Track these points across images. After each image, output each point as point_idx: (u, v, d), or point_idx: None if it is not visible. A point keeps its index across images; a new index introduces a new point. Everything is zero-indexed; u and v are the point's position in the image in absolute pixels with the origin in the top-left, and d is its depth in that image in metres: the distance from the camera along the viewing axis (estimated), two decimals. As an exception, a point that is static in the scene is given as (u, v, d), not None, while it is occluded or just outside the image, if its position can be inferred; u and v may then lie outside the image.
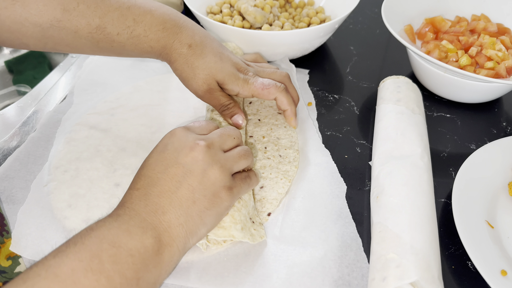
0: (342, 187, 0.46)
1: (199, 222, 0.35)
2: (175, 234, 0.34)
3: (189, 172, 0.35)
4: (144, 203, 0.34)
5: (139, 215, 0.33)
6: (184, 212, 0.34)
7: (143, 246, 0.31)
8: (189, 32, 0.46)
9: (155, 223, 0.33)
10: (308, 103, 0.58)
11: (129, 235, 0.31)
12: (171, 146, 0.37)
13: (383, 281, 0.35)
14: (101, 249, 0.30)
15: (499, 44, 0.57)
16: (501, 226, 0.42)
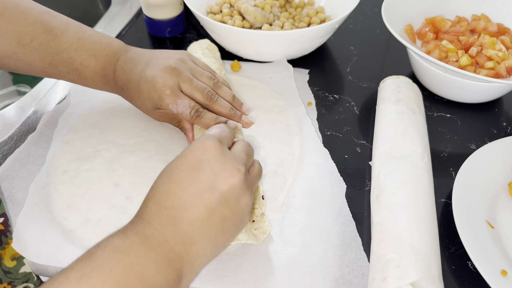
0: (342, 186, 0.46)
1: (221, 249, 0.34)
2: (198, 264, 0.32)
3: (225, 200, 0.33)
4: (174, 229, 0.31)
5: (168, 243, 0.31)
6: (212, 242, 0.33)
7: (166, 280, 0.30)
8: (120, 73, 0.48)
9: (181, 254, 0.31)
10: (308, 103, 0.58)
11: (156, 268, 0.29)
12: (207, 166, 0.33)
13: (383, 281, 0.35)
14: (128, 283, 0.28)
15: (499, 44, 0.57)
16: (501, 226, 0.42)
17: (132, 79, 0.47)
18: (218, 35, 0.62)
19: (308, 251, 0.40)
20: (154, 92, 0.46)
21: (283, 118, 0.55)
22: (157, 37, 0.72)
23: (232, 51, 0.65)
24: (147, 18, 0.70)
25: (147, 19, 0.70)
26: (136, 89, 0.47)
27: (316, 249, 0.40)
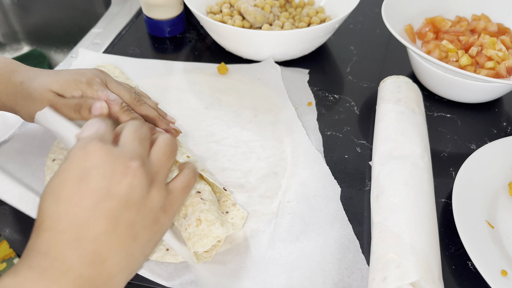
0: (336, 190, 0.46)
1: (140, 259, 0.30)
2: (116, 282, 0.28)
3: (126, 203, 0.28)
4: (78, 252, 0.27)
5: (72, 269, 0.26)
6: (125, 254, 0.29)
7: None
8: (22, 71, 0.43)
9: (93, 277, 0.27)
10: (308, 103, 0.58)
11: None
12: (95, 172, 0.28)
13: (384, 281, 0.35)
14: None
15: (500, 44, 0.57)
16: (501, 226, 0.42)
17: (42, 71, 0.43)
18: (218, 35, 0.62)
19: (306, 257, 0.40)
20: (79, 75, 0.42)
21: (273, 121, 0.54)
22: (157, 37, 0.72)
23: (232, 51, 0.65)
24: (147, 18, 0.70)
25: (147, 19, 0.70)
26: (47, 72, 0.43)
27: (314, 254, 0.40)
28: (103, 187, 0.28)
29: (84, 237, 0.27)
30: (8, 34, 0.94)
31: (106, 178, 0.28)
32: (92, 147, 0.29)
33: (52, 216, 0.27)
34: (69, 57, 0.67)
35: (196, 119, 0.55)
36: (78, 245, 0.27)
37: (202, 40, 0.71)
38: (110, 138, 0.31)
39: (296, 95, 0.59)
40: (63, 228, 0.27)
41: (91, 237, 0.27)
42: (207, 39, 0.71)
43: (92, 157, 0.28)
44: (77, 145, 0.29)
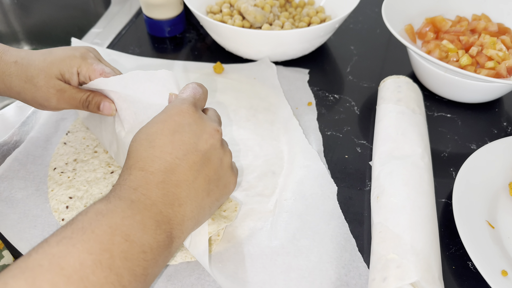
0: (333, 188, 0.46)
1: (207, 214, 0.35)
2: (186, 227, 0.32)
3: (208, 160, 0.33)
4: (162, 192, 0.31)
5: (156, 205, 0.30)
6: (198, 204, 0.33)
7: (155, 241, 0.29)
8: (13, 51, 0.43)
9: (170, 216, 0.31)
10: (308, 103, 0.58)
11: (143, 228, 0.29)
12: (188, 129, 0.33)
13: (384, 282, 0.34)
14: (113, 242, 0.27)
15: (500, 43, 0.57)
16: (501, 226, 0.42)
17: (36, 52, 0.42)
18: (218, 35, 0.62)
19: (303, 256, 0.40)
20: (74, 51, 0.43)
21: (270, 120, 0.54)
22: (157, 37, 0.72)
23: (232, 51, 0.65)
24: (147, 18, 0.70)
25: (147, 18, 0.70)
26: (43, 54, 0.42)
27: (311, 253, 0.40)
28: (192, 142, 0.33)
29: (169, 181, 0.31)
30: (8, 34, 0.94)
31: (196, 136, 0.33)
32: (187, 108, 0.34)
33: (146, 159, 0.32)
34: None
35: None
36: (164, 187, 0.31)
37: (202, 40, 0.71)
38: (203, 104, 0.37)
39: (296, 95, 0.59)
40: (154, 170, 0.31)
41: (175, 182, 0.32)
42: (207, 39, 0.71)
43: (188, 116, 0.34)
44: (175, 103, 0.35)
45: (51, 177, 0.47)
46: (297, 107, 0.57)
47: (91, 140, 0.51)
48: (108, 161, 0.49)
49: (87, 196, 0.45)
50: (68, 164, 0.49)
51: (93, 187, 0.46)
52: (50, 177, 0.47)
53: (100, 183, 0.46)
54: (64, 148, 0.51)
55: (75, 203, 0.44)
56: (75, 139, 0.52)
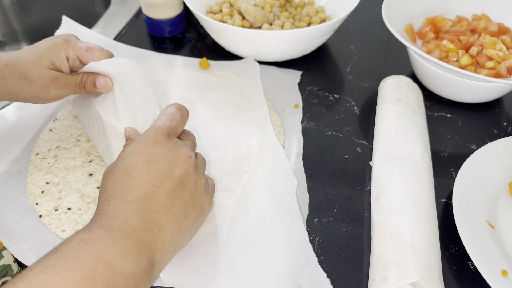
0: (293, 182, 0.46)
1: (187, 236, 0.36)
2: (167, 252, 0.33)
3: (183, 185, 0.35)
4: (141, 220, 0.32)
5: (136, 232, 0.31)
6: (177, 228, 0.34)
7: (137, 268, 0.30)
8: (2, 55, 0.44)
9: (150, 242, 0.32)
10: (295, 105, 0.57)
11: (125, 255, 0.30)
12: (162, 158, 0.34)
13: (384, 282, 0.34)
14: (96, 270, 0.28)
15: (500, 43, 0.57)
16: (501, 226, 0.42)
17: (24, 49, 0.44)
18: (218, 34, 0.62)
19: (254, 251, 0.40)
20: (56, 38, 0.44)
21: (245, 117, 0.55)
22: (157, 37, 0.72)
23: (232, 51, 0.65)
24: (147, 17, 0.70)
25: (147, 18, 0.70)
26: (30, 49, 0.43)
27: (262, 248, 0.40)
28: (167, 170, 0.34)
29: (148, 208, 0.32)
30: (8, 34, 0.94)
31: (170, 164, 0.34)
32: (161, 137, 0.36)
33: (124, 189, 0.33)
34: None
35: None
36: (143, 214, 0.32)
37: (202, 40, 0.71)
38: (179, 130, 0.38)
39: (284, 96, 0.59)
40: (132, 199, 0.32)
41: (154, 209, 0.33)
42: (207, 39, 0.71)
43: (161, 146, 0.35)
44: (149, 133, 0.36)
45: (32, 162, 0.49)
46: (284, 108, 0.57)
47: (75, 129, 0.53)
48: (89, 150, 0.50)
49: (63, 183, 0.46)
50: (50, 150, 0.50)
51: (70, 174, 0.47)
52: (31, 162, 0.49)
53: (77, 171, 0.48)
54: (49, 134, 0.52)
55: (51, 189, 0.46)
56: (61, 127, 0.53)
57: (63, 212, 0.44)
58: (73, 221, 0.43)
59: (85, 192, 0.45)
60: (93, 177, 0.47)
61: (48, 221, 0.43)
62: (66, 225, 0.42)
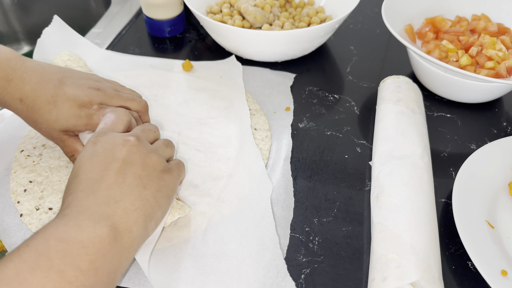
0: (268, 188, 0.45)
1: (154, 204, 0.35)
2: (134, 219, 0.33)
3: (130, 162, 0.35)
4: (93, 198, 0.32)
5: (89, 209, 0.32)
6: (137, 197, 0.34)
7: (97, 236, 0.30)
8: (18, 83, 0.41)
9: (108, 213, 0.32)
10: (286, 108, 0.57)
11: (79, 228, 0.30)
12: (101, 149, 0.36)
13: (383, 281, 0.35)
14: (48, 247, 0.28)
15: (500, 44, 0.57)
16: (501, 226, 0.42)
17: (41, 94, 0.42)
18: (218, 35, 0.62)
19: (226, 259, 0.40)
20: (79, 110, 0.42)
21: (226, 119, 0.54)
22: (157, 37, 0.72)
23: (232, 51, 0.65)
24: (147, 18, 0.70)
25: (147, 19, 0.70)
26: (49, 104, 0.42)
27: (235, 257, 0.40)
28: (109, 155, 0.35)
29: (99, 188, 0.33)
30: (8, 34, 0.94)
31: (109, 150, 0.36)
32: (95, 138, 0.37)
33: (74, 187, 0.34)
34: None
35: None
36: (94, 194, 0.33)
37: (202, 40, 0.71)
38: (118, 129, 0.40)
39: (276, 99, 0.59)
40: (82, 188, 0.33)
41: (104, 187, 0.33)
42: (207, 39, 0.71)
43: (98, 142, 0.36)
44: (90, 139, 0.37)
45: (17, 159, 0.49)
46: (275, 111, 0.57)
47: None
48: None
49: (46, 182, 0.46)
50: (36, 148, 0.50)
51: (54, 174, 0.47)
52: (16, 159, 0.49)
53: (61, 171, 0.47)
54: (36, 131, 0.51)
55: (33, 188, 0.45)
56: None
57: (44, 212, 0.43)
58: None
59: None
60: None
61: (28, 220, 0.42)
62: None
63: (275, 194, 0.46)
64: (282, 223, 0.44)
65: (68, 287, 0.27)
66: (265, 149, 0.51)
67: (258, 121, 0.54)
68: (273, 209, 0.45)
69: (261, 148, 0.51)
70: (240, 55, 0.65)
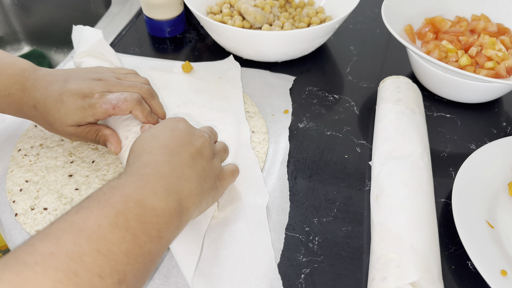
0: (265, 197, 0.45)
1: (206, 198, 0.38)
2: (193, 201, 0.35)
3: (201, 154, 0.38)
4: (170, 168, 0.35)
5: (165, 177, 0.34)
6: (199, 184, 0.37)
7: (167, 207, 0.32)
8: (31, 91, 0.44)
9: (178, 188, 0.34)
10: (285, 111, 0.57)
11: (155, 195, 0.32)
12: (182, 128, 0.39)
13: (383, 281, 0.35)
14: (127, 208, 0.30)
15: (499, 44, 0.57)
16: (501, 226, 0.42)
17: (49, 95, 0.43)
18: (218, 35, 0.63)
19: (219, 265, 0.39)
20: (82, 101, 0.43)
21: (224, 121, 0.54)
22: (157, 37, 0.72)
23: (232, 51, 0.65)
24: (147, 18, 0.70)
25: (147, 19, 0.70)
26: (56, 103, 0.43)
27: (227, 263, 0.39)
28: (187, 138, 0.39)
29: (175, 161, 0.36)
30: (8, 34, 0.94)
31: (189, 134, 0.39)
32: (181, 118, 0.41)
33: (152, 147, 0.37)
34: (70, 57, 0.67)
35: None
36: (171, 164, 0.35)
37: (202, 40, 0.71)
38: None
39: (275, 101, 0.59)
40: (160, 153, 0.36)
41: (179, 163, 0.36)
42: (207, 39, 0.72)
43: (182, 122, 0.40)
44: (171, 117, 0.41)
45: (13, 158, 0.49)
46: (273, 113, 0.57)
47: None
48: (71, 150, 0.50)
49: (42, 182, 0.46)
50: (33, 147, 0.50)
51: (50, 173, 0.47)
52: (13, 158, 0.49)
53: (58, 171, 0.47)
54: (33, 130, 0.52)
55: (29, 187, 0.45)
56: None
57: (39, 211, 0.43)
58: (48, 221, 0.42)
59: (63, 193, 0.45)
60: (73, 178, 0.47)
61: (23, 220, 0.43)
62: (40, 225, 0.42)
63: (271, 197, 0.46)
64: (276, 227, 0.43)
65: (138, 250, 0.29)
66: (262, 152, 0.51)
67: (256, 123, 0.54)
68: (268, 212, 0.44)
69: (258, 151, 0.51)
70: (240, 55, 0.65)
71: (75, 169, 0.48)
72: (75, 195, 0.45)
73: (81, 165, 0.48)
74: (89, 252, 0.27)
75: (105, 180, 0.47)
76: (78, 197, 0.45)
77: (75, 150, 0.50)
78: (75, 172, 0.47)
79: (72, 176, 0.47)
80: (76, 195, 0.45)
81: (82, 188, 0.46)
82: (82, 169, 0.48)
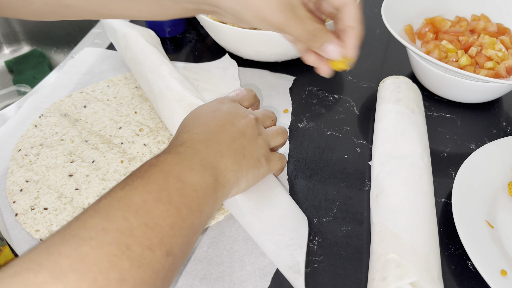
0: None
1: (245, 175, 0.38)
2: (228, 178, 0.36)
3: (242, 133, 0.39)
4: (205, 145, 0.36)
5: (200, 153, 0.35)
6: (236, 162, 0.37)
7: (204, 182, 0.33)
8: None
9: (214, 163, 0.35)
10: (284, 110, 0.57)
11: (192, 171, 0.33)
12: (225, 109, 0.40)
13: (383, 281, 0.35)
14: (168, 183, 0.31)
15: (499, 44, 0.57)
16: (501, 226, 0.42)
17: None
18: (218, 35, 0.62)
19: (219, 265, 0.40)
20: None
21: None
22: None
23: (232, 51, 0.65)
24: (147, 18, 0.70)
25: (147, 19, 0.70)
26: None
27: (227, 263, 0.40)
28: (229, 118, 0.39)
29: (211, 139, 0.37)
30: (8, 34, 0.94)
31: (231, 115, 0.40)
32: (225, 98, 0.42)
33: (191, 126, 0.38)
34: (69, 57, 0.67)
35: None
36: (206, 142, 0.37)
37: (202, 41, 0.71)
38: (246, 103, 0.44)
39: (275, 101, 0.59)
40: (198, 131, 0.37)
41: (216, 140, 0.37)
42: (207, 39, 0.71)
43: (226, 102, 0.41)
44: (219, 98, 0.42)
45: (14, 158, 0.49)
46: None
47: (61, 127, 0.53)
48: (71, 150, 0.50)
49: (42, 182, 0.46)
50: (33, 147, 0.50)
51: (50, 173, 0.47)
52: (13, 158, 0.49)
53: (58, 170, 0.48)
54: (33, 130, 0.52)
55: (30, 187, 0.46)
56: (46, 124, 0.53)
57: (39, 211, 0.43)
58: (48, 221, 0.42)
59: (63, 192, 0.45)
60: (73, 177, 0.47)
61: (23, 220, 0.43)
62: (40, 225, 0.42)
63: None
64: None
65: (181, 224, 0.30)
66: None
67: None
68: None
69: None
70: (240, 55, 0.65)
71: (75, 168, 0.48)
72: (75, 195, 0.45)
73: (81, 165, 0.48)
74: (137, 226, 0.28)
75: (105, 180, 0.47)
76: (78, 197, 0.45)
77: (75, 150, 0.50)
78: (75, 171, 0.47)
79: (72, 175, 0.47)
80: (76, 194, 0.45)
81: (82, 188, 0.46)
82: (82, 169, 0.48)
